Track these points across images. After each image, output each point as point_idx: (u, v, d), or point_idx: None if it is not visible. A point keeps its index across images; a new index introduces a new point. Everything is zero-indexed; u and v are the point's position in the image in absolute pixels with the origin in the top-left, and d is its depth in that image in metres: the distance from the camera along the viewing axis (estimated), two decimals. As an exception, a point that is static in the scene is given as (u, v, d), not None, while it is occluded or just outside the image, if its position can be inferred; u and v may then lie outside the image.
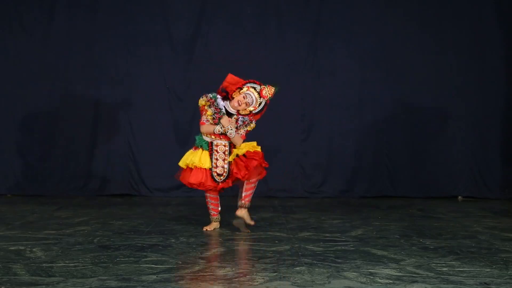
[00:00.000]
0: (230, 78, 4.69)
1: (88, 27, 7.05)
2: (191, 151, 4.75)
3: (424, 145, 7.10)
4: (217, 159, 4.64)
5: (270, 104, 6.95)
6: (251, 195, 4.70)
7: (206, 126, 4.64)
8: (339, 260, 3.69)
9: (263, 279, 3.24)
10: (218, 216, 4.83)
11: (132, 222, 5.11)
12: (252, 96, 4.63)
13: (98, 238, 4.37)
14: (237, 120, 4.65)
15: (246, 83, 4.68)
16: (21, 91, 7.03)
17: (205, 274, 3.37)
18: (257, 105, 4.67)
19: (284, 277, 3.28)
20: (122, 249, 3.99)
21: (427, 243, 4.29)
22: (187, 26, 7.09)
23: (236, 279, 3.24)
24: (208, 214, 4.84)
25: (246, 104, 4.63)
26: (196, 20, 7.09)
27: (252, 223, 4.70)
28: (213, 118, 4.60)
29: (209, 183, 4.62)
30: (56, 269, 3.41)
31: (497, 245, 4.21)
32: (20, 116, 7.04)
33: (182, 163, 4.71)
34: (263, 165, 4.62)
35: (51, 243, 4.18)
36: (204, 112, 4.63)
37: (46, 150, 7.06)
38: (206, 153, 4.65)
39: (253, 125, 4.72)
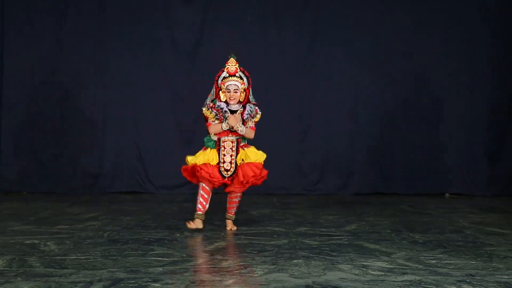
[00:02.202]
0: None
1: (97, 33, 7.08)
2: (201, 152, 4.59)
3: (415, 146, 7.12)
4: (224, 155, 4.51)
5: (270, 106, 7.06)
6: (235, 208, 4.64)
7: (213, 126, 4.51)
8: (334, 253, 3.71)
9: (263, 271, 3.26)
10: (203, 214, 4.47)
11: (140, 218, 5.14)
12: (232, 83, 4.51)
13: (108, 233, 4.39)
14: (242, 113, 4.51)
15: (216, 80, 4.58)
16: (34, 94, 7.06)
17: (208, 266, 3.40)
18: (242, 80, 4.53)
19: (282, 269, 3.30)
20: (130, 243, 4.02)
21: (417, 237, 4.31)
22: (190, 31, 7.11)
23: (238, 271, 3.26)
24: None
25: (235, 92, 4.50)
26: (199, 26, 7.11)
27: (233, 228, 4.63)
28: (217, 118, 4.50)
29: (217, 176, 4.46)
30: (68, 262, 3.44)
31: (482, 239, 4.24)
32: (33, 117, 7.07)
33: (191, 161, 4.53)
34: (259, 180, 4.56)
35: (63, 237, 4.21)
36: (208, 117, 4.54)
37: (58, 150, 7.08)
38: (214, 151, 4.52)
39: (259, 116, 4.59)
